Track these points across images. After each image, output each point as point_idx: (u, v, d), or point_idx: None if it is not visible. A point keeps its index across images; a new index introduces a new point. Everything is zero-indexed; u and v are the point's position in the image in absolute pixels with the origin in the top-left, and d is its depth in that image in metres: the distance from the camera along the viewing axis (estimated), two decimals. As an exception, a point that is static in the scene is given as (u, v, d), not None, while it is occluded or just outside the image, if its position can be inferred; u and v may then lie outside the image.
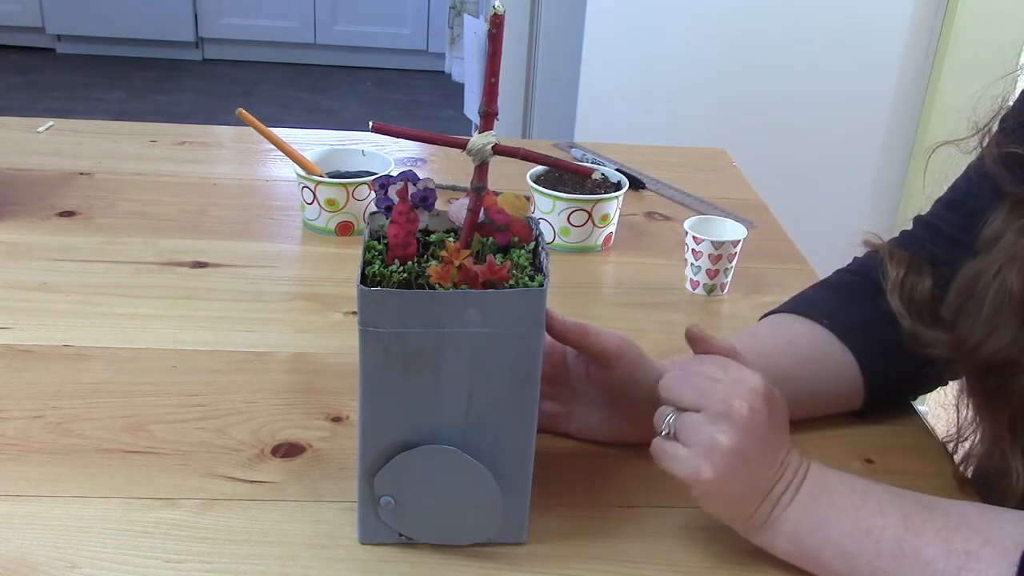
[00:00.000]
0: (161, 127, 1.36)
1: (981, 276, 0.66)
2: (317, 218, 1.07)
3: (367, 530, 0.63)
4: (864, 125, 2.00)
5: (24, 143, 1.27)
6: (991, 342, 0.64)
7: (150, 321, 0.88)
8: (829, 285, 0.84)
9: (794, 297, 0.84)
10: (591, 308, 0.97)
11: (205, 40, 4.48)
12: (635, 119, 1.93)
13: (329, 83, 4.36)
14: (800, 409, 0.77)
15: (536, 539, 0.65)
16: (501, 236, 0.63)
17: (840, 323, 0.78)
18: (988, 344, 0.64)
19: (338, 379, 0.81)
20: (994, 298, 0.64)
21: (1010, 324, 0.63)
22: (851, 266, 0.85)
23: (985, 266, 0.66)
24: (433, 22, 4.42)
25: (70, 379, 0.79)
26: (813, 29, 1.90)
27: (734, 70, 1.92)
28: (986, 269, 0.66)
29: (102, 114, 3.75)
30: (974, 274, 0.67)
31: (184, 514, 0.65)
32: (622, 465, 0.73)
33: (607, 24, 1.88)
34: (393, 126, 0.58)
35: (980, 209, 0.74)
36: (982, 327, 0.65)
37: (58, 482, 0.67)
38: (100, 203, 1.11)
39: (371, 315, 0.56)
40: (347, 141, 1.31)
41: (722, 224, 1.01)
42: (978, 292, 0.66)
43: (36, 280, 0.94)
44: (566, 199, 1.05)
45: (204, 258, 1.00)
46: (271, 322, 0.90)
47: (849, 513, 0.60)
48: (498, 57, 0.55)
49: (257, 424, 0.75)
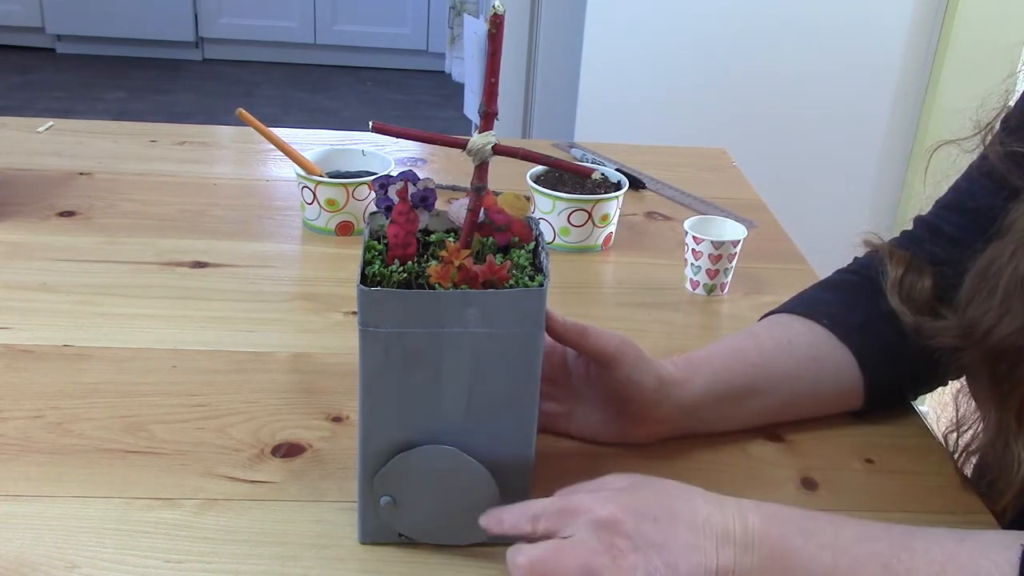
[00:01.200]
0: (161, 127, 1.36)
1: (995, 261, 0.66)
2: (317, 218, 1.07)
3: (367, 530, 0.63)
4: (864, 125, 2.00)
5: (24, 143, 1.27)
6: (1003, 326, 0.64)
7: (150, 321, 0.88)
8: (829, 285, 0.84)
9: (794, 297, 0.84)
10: (591, 308, 0.97)
11: (205, 40, 4.48)
12: (635, 119, 1.93)
13: (329, 83, 4.36)
14: (800, 409, 0.77)
15: (536, 539, 0.65)
16: (501, 236, 0.63)
17: (840, 323, 0.78)
18: (999, 328, 0.64)
19: (338, 379, 0.81)
20: (1008, 282, 0.64)
21: (1022, 309, 0.63)
22: (851, 266, 0.85)
23: (999, 251, 0.66)
24: (433, 22, 4.42)
25: (70, 379, 0.79)
26: (813, 29, 1.90)
27: (734, 70, 1.92)
28: (1000, 254, 0.65)
29: (102, 114, 3.75)
30: (988, 260, 0.67)
31: (184, 514, 0.65)
32: (622, 465, 0.73)
33: (607, 24, 1.88)
34: (393, 126, 0.58)
35: (982, 208, 0.74)
36: (995, 311, 0.64)
37: (58, 482, 0.67)
38: (100, 203, 1.11)
39: (371, 315, 0.56)
40: (347, 141, 1.31)
41: (722, 224, 1.01)
42: (991, 276, 0.65)
43: (36, 280, 0.94)
44: (566, 199, 1.05)
45: (204, 258, 1.00)
46: (271, 322, 0.90)
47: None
48: (498, 57, 0.55)
49: (257, 424, 0.75)
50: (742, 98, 1.95)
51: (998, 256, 0.66)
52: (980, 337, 0.66)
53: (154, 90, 4.10)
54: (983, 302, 0.66)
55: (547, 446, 0.73)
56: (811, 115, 1.97)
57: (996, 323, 0.64)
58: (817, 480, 0.73)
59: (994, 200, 0.73)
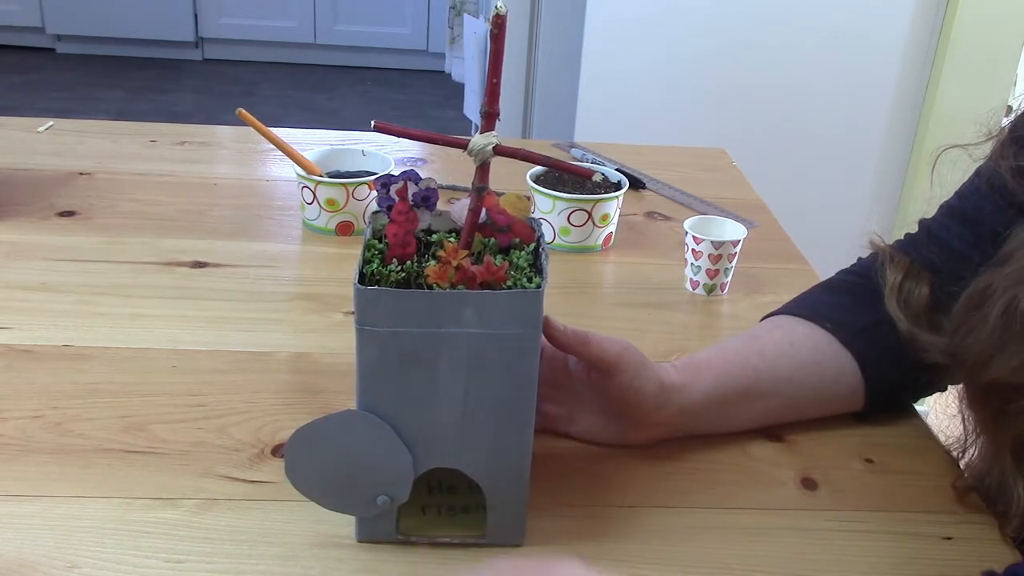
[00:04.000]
0: (161, 127, 1.36)
1: (991, 292, 0.64)
2: (317, 218, 1.07)
3: (364, 529, 0.63)
4: (864, 126, 2.00)
5: (24, 143, 1.27)
6: (997, 364, 0.63)
7: (150, 321, 0.88)
8: (832, 287, 0.84)
9: (796, 299, 0.84)
10: (591, 308, 0.97)
11: (205, 40, 4.48)
12: (635, 119, 1.93)
13: (329, 83, 4.36)
14: (801, 412, 0.77)
15: (536, 539, 0.65)
16: (502, 237, 0.63)
17: (843, 327, 0.78)
18: (994, 365, 0.63)
19: (338, 379, 0.81)
20: (1002, 317, 0.63)
21: (1019, 348, 0.62)
22: (855, 267, 0.85)
23: (997, 282, 0.64)
24: (433, 22, 4.42)
25: (70, 379, 0.79)
26: (813, 30, 1.90)
27: (734, 70, 1.92)
28: (997, 286, 0.64)
29: (102, 114, 3.75)
30: (983, 288, 0.65)
31: (184, 514, 0.65)
32: (622, 465, 0.73)
33: (607, 24, 1.88)
34: (394, 126, 0.58)
35: (983, 221, 0.73)
36: (988, 346, 0.63)
37: (58, 482, 0.67)
38: (100, 203, 1.11)
39: (368, 314, 0.56)
40: (347, 141, 1.31)
41: (722, 224, 1.01)
42: (985, 307, 0.64)
43: (36, 280, 0.94)
44: (566, 199, 1.05)
45: (204, 258, 1.00)
46: (271, 322, 0.90)
47: None
48: (500, 57, 0.55)
49: (257, 424, 0.75)
50: (742, 98, 1.94)
51: (994, 287, 0.64)
52: (971, 368, 0.65)
53: (154, 90, 4.10)
54: (974, 331, 0.65)
55: (547, 446, 0.73)
56: (811, 115, 1.97)
57: (990, 359, 0.63)
58: (817, 480, 0.73)
59: (996, 214, 0.72)
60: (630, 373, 0.69)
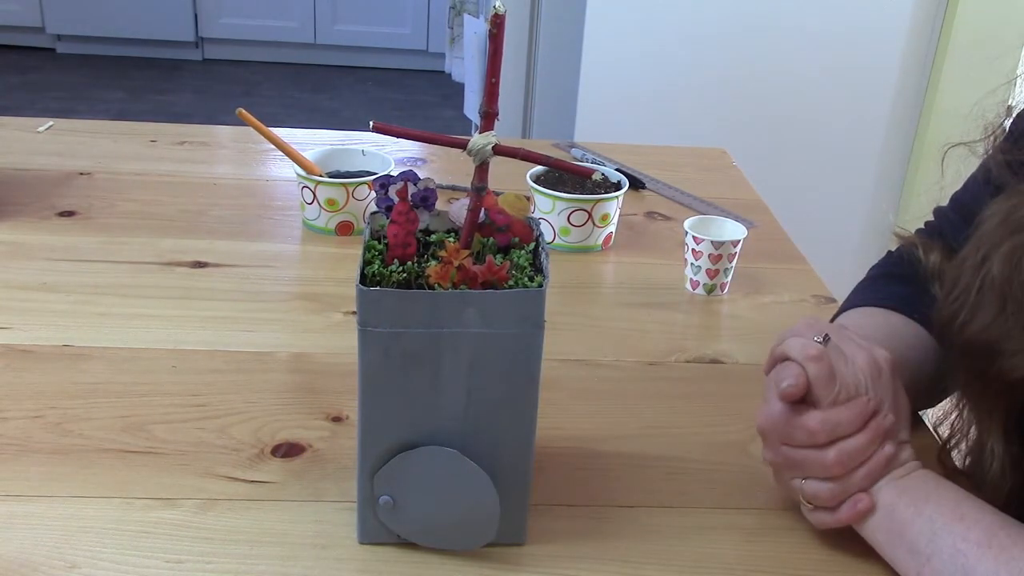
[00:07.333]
0: (161, 127, 1.36)
1: (967, 258, 0.66)
2: (317, 218, 1.07)
3: (366, 530, 0.63)
4: (864, 125, 2.00)
5: (24, 143, 1.27)
6: (976, 322, 0.64)
7: (150, 321, 0.88)
8: (896, 278, 0.82)
9: (864, 290, 0.83)
10: (591, 308, 0.97)
11: (205, 40, 4.48)
12: (635, 119, 1.93)
13: (329, 83, 4.36)
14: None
15: (536, 539, 0.65)
16: (502, 236, 0.63)
17: (926, 317, 0.76)
18: (973, 324, 0.64)
19: (338, 379, 0.81)
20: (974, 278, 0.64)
21: (992, 305, 0.63)
22: (894, 259, 0.84)
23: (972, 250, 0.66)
24: (433, 22, 4.42)
25: (70, 379, 0.79)
26: (813, 29, 1.90)
27: (734, 70, 1.92)
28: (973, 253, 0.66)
29: (102, 114, 3.75)
30: (962, 258, 0.67)
31: (184, 514, 0.65)
32: (623, 465, 0.73)
33: (607, 24, 1.88)
34: (394, 126, 0.58)
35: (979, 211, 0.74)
36: (970, 307, 0.65)
37: (58, 482, 0.67)
38: (100, 203, 1.11)
39: (370, 315, 0.56)
40: (347, 141, 1.31)
41: (722, 224, 1.01)
42: (964, 273, 0.66)
43: (36, 280, 0.94)
44: (566, 199, 1.05)
45: (204, 258, 1.00)
46: (271, 322, 0.90)
47: (949, 497, 0.62)
48: (499, 57, 0.55)
49: (257, 424, 0.75)
50: (742, 98, 1.94)
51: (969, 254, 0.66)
52: (957, 331, 0.66)
53: (154, 90, 4.10)
54: (957, 298, 0.66)
55: (547, 446, 0.73)
56: (811, 115, 1.97)
57: (970, 319, 0.64)
58: (817, 480, 0.72)
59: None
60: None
